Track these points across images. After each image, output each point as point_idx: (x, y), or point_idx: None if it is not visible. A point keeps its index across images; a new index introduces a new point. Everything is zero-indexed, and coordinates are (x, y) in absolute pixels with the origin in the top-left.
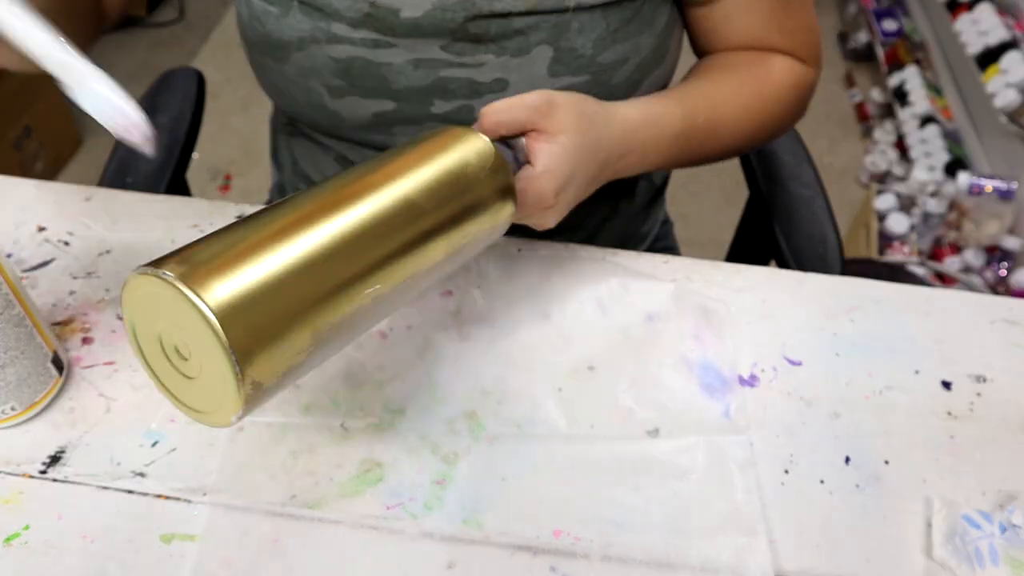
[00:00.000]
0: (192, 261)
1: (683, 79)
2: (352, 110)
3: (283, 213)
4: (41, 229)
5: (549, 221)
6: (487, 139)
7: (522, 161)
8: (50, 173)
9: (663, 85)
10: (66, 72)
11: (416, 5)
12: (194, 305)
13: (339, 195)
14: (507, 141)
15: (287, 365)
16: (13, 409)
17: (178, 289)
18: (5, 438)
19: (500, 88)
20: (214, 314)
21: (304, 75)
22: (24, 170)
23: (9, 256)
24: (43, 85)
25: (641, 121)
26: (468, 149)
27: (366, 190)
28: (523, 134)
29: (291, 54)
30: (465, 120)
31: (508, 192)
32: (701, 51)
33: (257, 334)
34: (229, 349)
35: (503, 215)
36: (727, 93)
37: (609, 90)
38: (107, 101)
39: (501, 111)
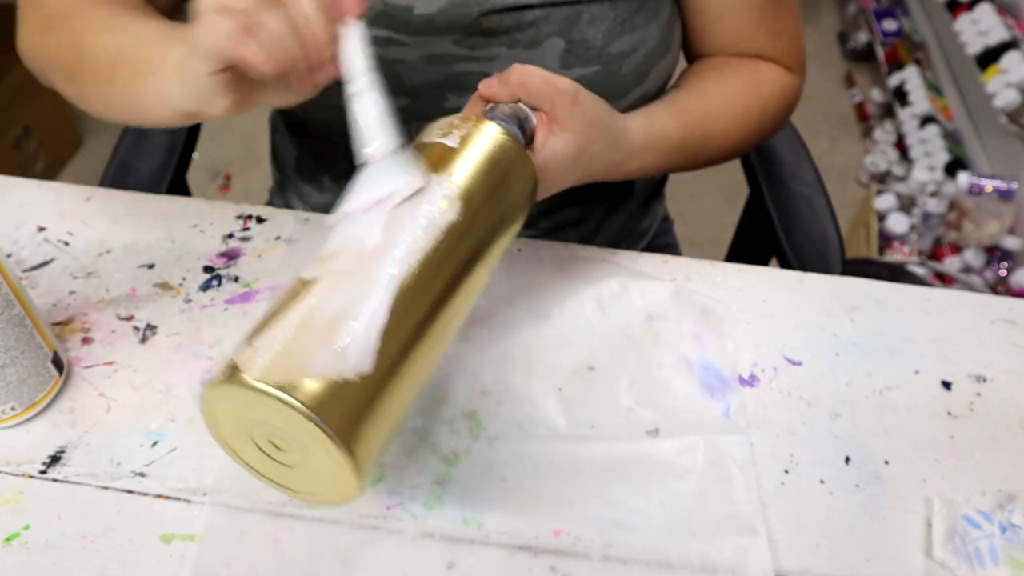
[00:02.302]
0: (267, 356)
1: (675, 85)
2: None
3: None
4: (41, 229)
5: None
6: (522, 146)
7: (528, 135)
8: (50, 173)
9: (668, 76)
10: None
11: (429, 2)
12: (288, 404)
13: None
14: (518, 116)
15: (389, 425)
16: (13, 409)
17: (265, 393)
18: (5, 438)
19: None
20: (309, 408)
21: None
22: (24, 170)
23: (9, 256)
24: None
25: (642, 143)
26: (505, 156)
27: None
28: (536, 110)
29: None
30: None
31: (534, 190)
32: (691, 54)
33: (354, 411)
34: (335, 437)
35: (525, 213)
36: (720, 105)
37: (618, 80)
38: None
39: (531, 79)
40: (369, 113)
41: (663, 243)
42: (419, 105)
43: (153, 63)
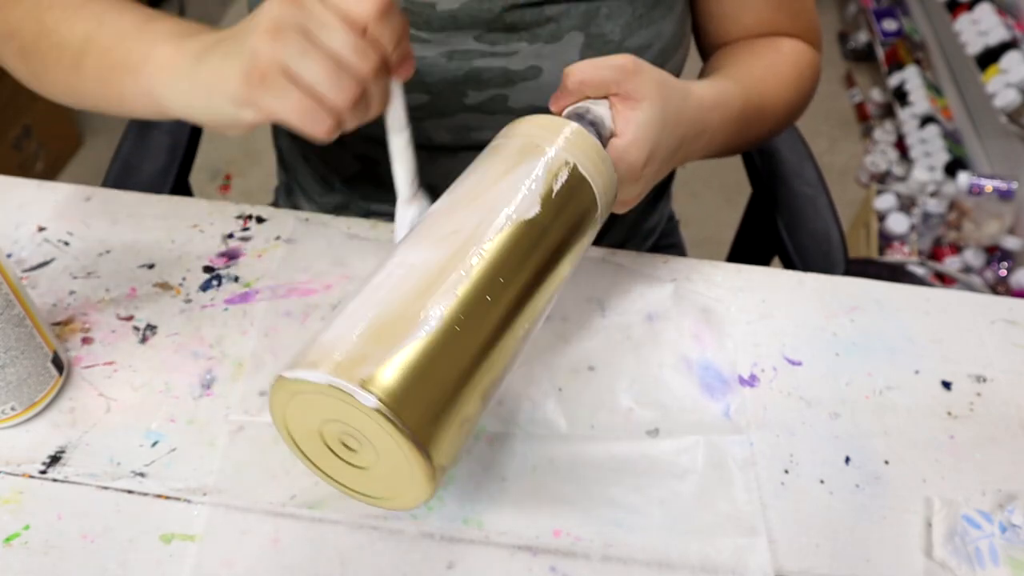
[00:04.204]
0: (343, 351)
1: (707, 68)
2: None
3: (406, 273)
4: (41, 229)
5: (632, 194)
6: (597, 141)
7: (606, 135)
8: (50, 173)
9: (679, 69)
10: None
11: None
12: (362, 399)
13: (456, 240)
14: (588, 116)
15: (464, 427)
16: (13, 409)
17: (338, 388)
18: (5, 438)
19: (533, 75)
20: (386, 404)
21: None
22: (24, 170)
23: (9, 256)
24: None
25: (714, 101)
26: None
27: (483, 223)
28: (605, 97)
29: None
30: (498, 109)
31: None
32: (711, 44)
33: (431, 409)
34: (410, 435)
35: (608, 206)
36: (763, 69)
37: None
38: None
39: (587, 70)
40: (411, 163)
41: (669, 243)
42: (437, 102)
43: (132, 60)
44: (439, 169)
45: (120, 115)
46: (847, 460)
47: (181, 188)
